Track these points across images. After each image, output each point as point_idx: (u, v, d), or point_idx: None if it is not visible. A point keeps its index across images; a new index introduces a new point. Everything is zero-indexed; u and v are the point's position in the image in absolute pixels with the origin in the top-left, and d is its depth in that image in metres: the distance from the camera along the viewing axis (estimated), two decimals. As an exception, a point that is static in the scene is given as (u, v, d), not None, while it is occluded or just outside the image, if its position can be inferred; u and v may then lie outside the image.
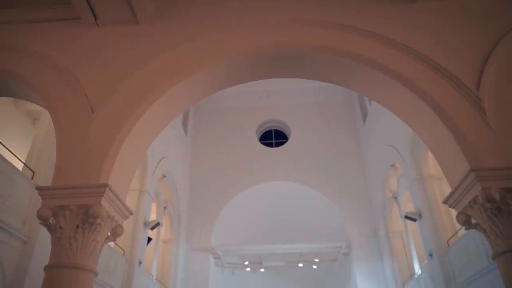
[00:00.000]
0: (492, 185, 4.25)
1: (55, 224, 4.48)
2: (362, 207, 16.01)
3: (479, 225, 4.48)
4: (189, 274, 15.24)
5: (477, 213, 4.40)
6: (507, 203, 4.22)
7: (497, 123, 4.63)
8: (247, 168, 17.19)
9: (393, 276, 13.82)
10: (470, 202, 4.46)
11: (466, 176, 4.42)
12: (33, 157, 8.45)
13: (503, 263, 4.22)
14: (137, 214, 11.93)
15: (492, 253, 4.39)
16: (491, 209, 4.23)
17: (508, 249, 4.14)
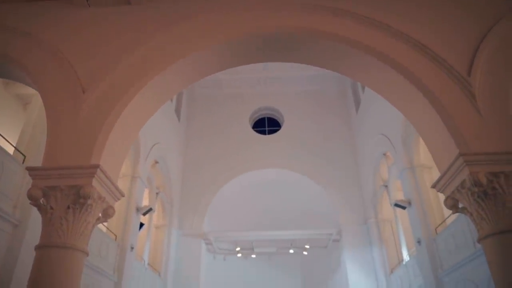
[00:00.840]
0: (479, 170, 4.34)
1: (45, 204, 4.48)
2: (353, 195, 16.18)
3: (466, 209, 4.58)
4: (181, 259, 15.35)
5: (465, 197, 4.50)
6: (494, 187, 4.32)
7: (486, 109, 4.71)
8: (240, 155, 17.24)
9: (382, 262, 14.07)
10: (458, 186, 4.56)
11: (455, 161, 4.51)
12: (24, 141, 8.39)
13: (488, 245, 4.34)
14: (129, 199, 11.95)
15: (478, 236, 4.49)
16: (478, 193, 4.33)
17: (493, 232, 4.26)
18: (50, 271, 4.30)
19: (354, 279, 14.46)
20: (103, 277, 9.96)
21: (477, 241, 4.54)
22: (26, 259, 6.96)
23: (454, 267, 9.20)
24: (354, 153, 17.12)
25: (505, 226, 4.22)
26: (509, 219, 4.24)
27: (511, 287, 4.03)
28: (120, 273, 10.76)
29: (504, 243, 4.20)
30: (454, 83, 4.86)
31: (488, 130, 4.61)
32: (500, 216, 4.27)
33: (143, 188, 12.93)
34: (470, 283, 8.63)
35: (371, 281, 14.29)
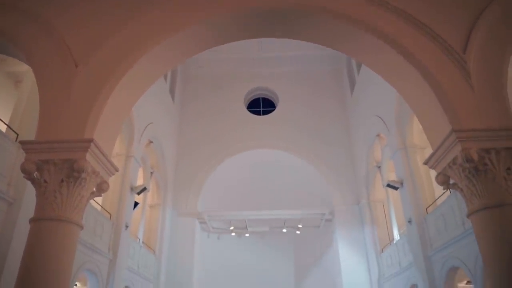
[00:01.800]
0: (471, 146, 4.43)
1: (39, 178, 4.49)
2: (346, 175, 16.35)
3: (457, 185, 4.68)
4: (175, 238, 15.53)
5: (456, 173, 4.59)
6: (485, 164, 4.41)
7: (480, 86, 4.76)
8: (235, 135, 17.26)
9: (373, 241, 14.35)
10: (449, 162, 4.65)
11: (448, 137, 4.58)
12: (17, 119, 8.32)
13: (477, 220, 4.46)
14: (124, 178, 11.99)
15: (467, 212, 4.60)
16: (469, 169, 4.43)
17: (483, 207, 4.37)
18: (45, 244, 4.35)
19: (346, 258, 14.77)
20: (98, 255, 10.07)
21: (466, 216, 4.65)
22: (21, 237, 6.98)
23: (443, 246, 9.42)
24: (348, 134, 17.20)
25: (494, 201, 4.33)
26: (498, 194, 4.35)
27: (498, 260, 4.16)
28: (115, 251, 10.88)
29: (492, 217, 4.32)
30: (449, 60, 4.88)
31: (481, 107, 4.68)
32: (490, 191, 4.37)
33: (137, 168, 12.96)
34: (457, 261, 8.86)
35: (362, 260, 14.61)
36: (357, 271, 14.45)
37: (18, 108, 8.51)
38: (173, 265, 15.02)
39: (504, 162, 4.43)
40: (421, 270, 10.34)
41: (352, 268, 14.53)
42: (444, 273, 9.46)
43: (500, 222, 4.26)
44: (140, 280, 12.79)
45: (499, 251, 4.18)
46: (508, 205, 4.30)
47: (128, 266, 11.68)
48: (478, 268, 8.07)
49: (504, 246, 4.17)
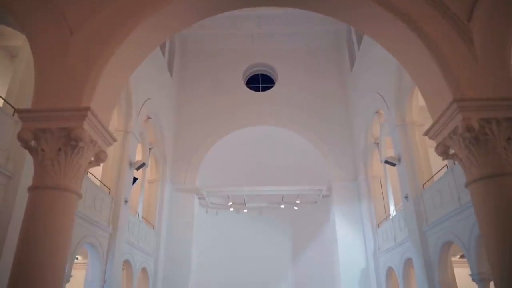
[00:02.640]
0: (472, 116, 4.43)
1: (36, 146, 4.48)
2: (344, 152, 16.42)
3: (456, 155, 4.71)
4: (174, 213, 15.71)
5: (456, 143, 4.61)
6: (485, 133, 4.42)
7: (484, 55, 4.71)
8: (233, 111, 17.21)
9: (370, 217, 14.55)
10: (450, 133, 4.66)
11: (449, 107, 4.57)
12: (13, 93, 8.25)
13: (475, 190, 4.50)
14: (122, 154, 12.02)
15: (466, 182, 4.63)
16: (469, 138, 4.44)
17: (482, 177, 4.41)
18: (44, 212, 4.38)
19: (342, 233, 15.01)
20: (98, 228, 10.20)
21: (465, 186, 4.67)
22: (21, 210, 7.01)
23: (438, 221, 9.56)
24: (347, 110, 17.17)
25: (493, 170, 4.36)
26: (498, 164, 4.37)
27: (495, 230, 4.22)
28: (115, 225, 11.02)
29: (491, 187, 4.35)
30: (453, 28, 4.80)
31: (484, 77, 4.64)
32: (489, 161, 4.39)
33: (136, 143, 12.97)
34: (452, 236, 9.02)
35: (358, 235, 14.86)
36: (354, 246, 14.72)
37: (14, 82, 8.42)
38: (172, 239, 15.26)
39: (504, 132, 4.43)
40: (416, 245, 10.53)
41: (349, 243, 14.80)
42: (439, 247, 9.64)
43: (499, 191, 4.29)
44: (140, 254, 13.01)
45: (497, 220, 4.23)
46: (508, 174, 4.33)
47: (127, 240, 11.86)
48: (472, 242, 8.22)
49: (502, 215, 4.22)
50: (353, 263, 14.45)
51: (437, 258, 9.71)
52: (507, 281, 4.02)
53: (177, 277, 14.75)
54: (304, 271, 17.02)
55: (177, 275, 14.77)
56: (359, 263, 14.45)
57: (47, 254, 4.28)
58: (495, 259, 4.21)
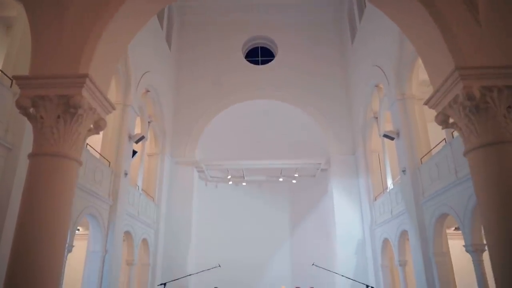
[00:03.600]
0: (473, 84, 4.42)
1: (35, 114, 4.48)
2: (343, 126, 16.44)
3: (456, 124, 4.73)
4: (174, 186, 15.87)
5: (456, 112, 4.62)
6: (486, 102, 4.43)
7: (488, 21, 4.65)
8: (232, 85, 17.11)
9: (367, 190, 14.73)
10: (450, 101, 4.66)
11: (450, 75, 4.56)
12: (10, 65, 8.16)
13: (474, 158, 4.55)
14: (121, 127, 12.03)
15: (464, 150, 4.67)
16: (469, 107, 4.45)
17: (480, 145, 4.44)
18: (45, 179, 4.41)
19: (340, 206, 15.24)
20: (99, 200, 10.34)
21: (463, 155, 4.71)
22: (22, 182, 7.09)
23: (434, 194, 9.70)
24: (347, 84, 17.08)
25: (492, 138, 4.38)
26: (497, 132, 4.39)
27: (493, 198, 4.29)
28: (115, 197, 11.15)
29: (490, 155, 4.39)
30: None
31: (487, 44, 4.60)
32: (489, 129, 4.41)
33: (135, 117, 12.96)
34: (448, 208, 9.16)
35: (355, 208, 15.09)
36: (350, 219, 14.97)
37: (11, 54, 8.32)
38: (172, 212, 15.48)
39: (505, 100, 4.43)
40: (412, 217, 10.71)
41: (346, 216, 15.04)
42: (434, 219, 9.81)
43: (497, 159, 4.33)
44: (140, 225, 13.23)
45: (495, 188, 4.28)
46: (507, 142, 4.35)
47: (128, 211, 12.03)
48: (467, 214, 8.37)
49: (500, 183, 4.26)
50: (349, 235, 14.75)
51: (432, 230, 9.90)
52: (503, 248, 4.10)
53: (177, 248, 15.06)
54: (302, 243, 17.37)
55: (177, 246, 15.08)
56: (356, 235, 14.74)
57: (49, 221, 4.33)
58: (492, 226, 4.27)
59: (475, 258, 8.38)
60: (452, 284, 9.61)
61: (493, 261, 4.24)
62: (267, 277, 16.77)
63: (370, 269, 13.98)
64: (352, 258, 14.47)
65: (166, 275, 14.26)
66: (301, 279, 14.88)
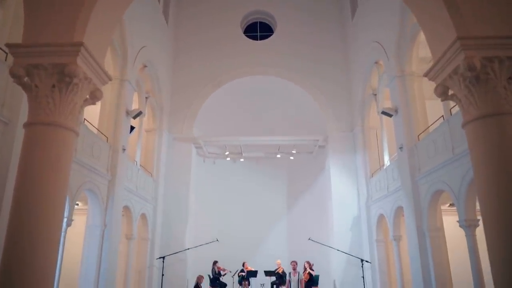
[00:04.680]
0: (475, 54, 4.38)
1: (30, 83, 4.42)
2: (342, 103, 16.39)
3: (455, 96, 4.72)
4: (172, 162, 15.93)
5: (456, 83, 4.60)
6: (487, 72, 4.40)
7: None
8: (231, 60, 16.93)
9: (364, 167, 14.84)
10: (450, 72, 4.63)
11: (452, 45, 4.51)
12: (3, 38, 8.02)
13: (472, 130, 4.54)
14: (119, 102, 11.94)
15: (462, 122, 4.68)
16: (470, 78, 4.42)
17: (479, 116, 4.43)
18: (40, 149, 4.38)
19: (337, 182, 15.37)
20: (97, 175, 10.38)
21: (461, 126, 4.71)
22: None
23: (430, 170, 9.78)
24: (346, 61, 16.92)
25: (492, 110, 4.37)
26: (497, 103, 4.37)
27: (489, 169, 4.31)
28: (114, 172, 11.20)
29: (488, 126, 4.38)
30: None
31: (489, 13, 4.52)
32: (489, 100, 4.39)
33: (132, 92, 12.85)
34: (443, 185, 9.26)
35: (352, 184, 15.23)
36: (347, 195, 15.13)
37: (4, 26, 8.16)
38: (170, 187, 15.60)
39: (506, 71, 4.40)
40: (408, 193, 10.83)
41: (342, 192, 15.20)
42: (429, 195, 9.93)
43: (496, 131, 4.32)
44: (139, 200, 13.36)
45: (492, 160, 4.29)
46: (506, 114, 4.34)
47: (126, 187, 12.11)
48: (462, 190, 8.47)
49: (497, 155, 4.27)
50: (345, 211, 14.94)
51: (427, 206, 10.04)
52: (499, 221, 4.14)
53: (175, 223, 15.25)
54: (298, 218, 17.61)
55: (175, 221, 15.27)
56: (352, 211, 14.94)
57: (46, 190, 4.32)
58: (488, 199, 4.30)
59: (468, 233, 8.54)
60: (445, 259, 9.82)
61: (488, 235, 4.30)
62: (264, 252, 17.07)
63: (365, 244, 14.24)
64: (347, 233, 14.71)
65: (165, 249, 14.52)
66: (297, 254, 15.16)
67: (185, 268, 14.86)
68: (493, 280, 4.20)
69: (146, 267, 13.85)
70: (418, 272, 10.09)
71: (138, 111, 12.80)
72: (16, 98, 7.32)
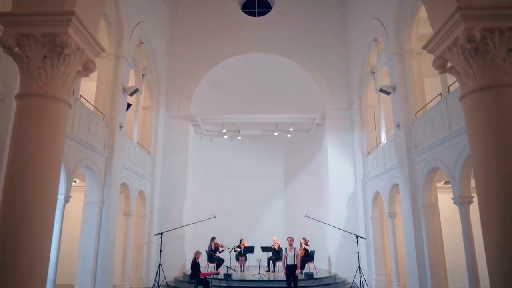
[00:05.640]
0: (475, 25, 4.34)
1: (21, 53, 4.36)
2: (340, 81, 16.30)
3: (454, 68, 4.70)
4: (169, 140, 15.94)
5: (455, 55, 4.57)
6: (486, 44, 4.37)
7: None
8: (228, 37, 16.71)
9: (361, 145, 14.91)
10: (449, 44, 4.60)
11: (452, 15, 4.47)
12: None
13: (469, 103, 4.53)
14: (115, 79, 11.84)
15: (460, 95, 4.67)
16: (469, 49, 4.39)
17: (477, 88, 4.42)
18: (33, 120, 4.35)
19: (334, 160, 15.46)
20: (94, 152, 10.38)
21: (459, 100, 4.71)
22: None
23: (427, 148, 9.83)
24: (345, 38, 16.72)
25: (490, 82, 4.36)
26: (495, 75, 4.36)
27: (486, 141, 4.32)
28: (111, 149, 11.20)
29: (486, 98, 4.37)
30: None
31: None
32: (487, 72, 4.37)
33: (129, 69, 12.71)
34: (439, 162, 9.33)
35: (349, 162, 15.32)
36: (344, 172, 15.24)
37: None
38: (167, 165, 15.66)
39: (506, 42, 4.37)
40: (404, 171, 10.92)
41: (339, 170, 15.30)
42: (425, 173, 10.02)
43: (494, 103, 4.32)
44: (137, 177, 13.42)
45: (489, 133, 4.30)
46: (504, 86, 4.33)
47: (124, 164, 12.14)
48: (457, 167, 8.54)
49: (495, 128, 4.27)
50: (342, 188, 15.09)
51: (423, 183, 10.14)
52: (495, 195, 4.19)
53: (173, 200, 15.38)
54: (295, 196, 17.79)
55: (173, 198, 15.39)
56: (348, 189, 15.09)
57: (39, 160, 4.30)
58: (484, 172, 4.33)
59: (462, 209, 8.66)
60: (438, 234, 10.00)
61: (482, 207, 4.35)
62: (260, 228, 17.32)
63: (361, 221, 14.45)
64: (343, 210, 14.90)
65: (163, 226, 14.69)
66: (294, 230, 15.38)
67: (183, 244, 15.08)
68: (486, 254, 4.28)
69: (145, 243, 14.05)
70: (412, 248, 10.28)
71: (134, 88, 12.70)
72: (11, 74, 7.23)
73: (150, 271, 13.94)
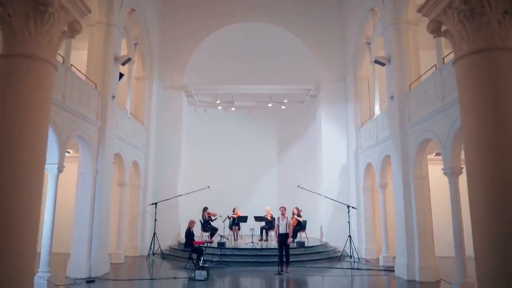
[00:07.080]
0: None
1: (2, 12, 4.24)
2: (335, 52, 16.14)
3: (448, 31, 4.67)
4: (163, 110, 15.85)
5: (450, 18, 4.54)
6: (482, 5, 4.33)
7: None
8: (222, 6, 16.34)
9: (354, 117, 14.95)
10: (445, 7, 4.55)
11: None
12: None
13: (462, 66, 4.53)
14: (106, 48, 11.58)
15: (453, 59, 4.65)
16: (464, 11, 4.35)
17: (471, 52, 4.41)
18: (18, 81, 4.26)
19: (327, 132, 15.54)
20: (87, 122, 10.31)
21: (452, 64, 4.69)
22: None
23: (420, 119, 9.88)
24: (341, 8, 16.44)
25: (484, 45, 4.35)
26: (490, 38, 4.34)
27: (477, 105, 4.34)
28: (104, 119, 11.12)
29: (479, 62, 4.38)
30: None
31: None
32: (482, 35, 4.36)
33: (120, 38, 12.43)
34: (431, 133, 9.41)
35: (342, 134, 15.41)
36: (337, 144, 15.37)
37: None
38: (161, 136, 15.64)
39: (502, 4, 4.32)
40: (396, 142, 11.01)
41: (332, 141, 15.41)
42: (417, 144, 10.12)
43: (487, 67, 4.31)
44: (130, 148, 13.42)
45: (481, 98, 4.31)
46: (498, 49, 4.31)
47: (117, 134, 12.09)
48: (449, 138, 8.62)
49: (486, 91, 4.28)
50: (335, 159, 15.24)
51: (414, 155, 10.26)
52: (484, 162, 4.25)
53: (167, 171, 15.47)
54: (289, 167, 17.96)
55: (167, 169, 15.47)
56: (341, 160, 15.24)
57: (24, 121, 4.26)
58: (475, 139, 4.36)
59: (452, 180, 8.80)
60: (427, 205, 10.20)
61: (470, 176, 4.42)
62: (254, 198, 17.55)
63: (353, 191, 14.69)
64: (336, 181, 15.11)
65: (157, 196, 14.84)
66: (287, 200, 15.61)
67: (177, 214, 15.29)
68: (471, 219, 4.40)
69: (139, 213, 14.22)
70: (401, 218, 10.51)
71: (127, 57, 12.46)
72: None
73: (145, 240, 14.18)
